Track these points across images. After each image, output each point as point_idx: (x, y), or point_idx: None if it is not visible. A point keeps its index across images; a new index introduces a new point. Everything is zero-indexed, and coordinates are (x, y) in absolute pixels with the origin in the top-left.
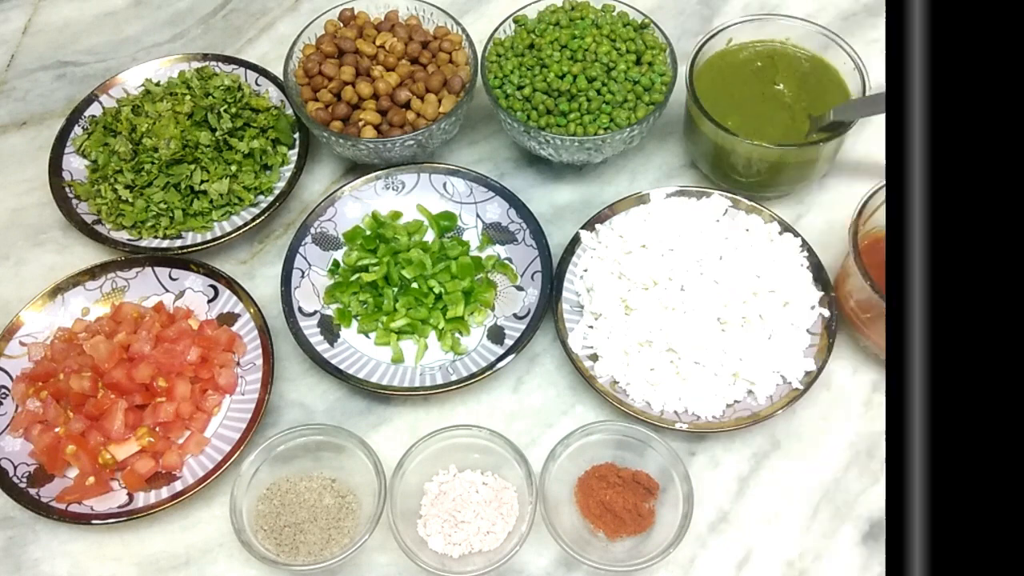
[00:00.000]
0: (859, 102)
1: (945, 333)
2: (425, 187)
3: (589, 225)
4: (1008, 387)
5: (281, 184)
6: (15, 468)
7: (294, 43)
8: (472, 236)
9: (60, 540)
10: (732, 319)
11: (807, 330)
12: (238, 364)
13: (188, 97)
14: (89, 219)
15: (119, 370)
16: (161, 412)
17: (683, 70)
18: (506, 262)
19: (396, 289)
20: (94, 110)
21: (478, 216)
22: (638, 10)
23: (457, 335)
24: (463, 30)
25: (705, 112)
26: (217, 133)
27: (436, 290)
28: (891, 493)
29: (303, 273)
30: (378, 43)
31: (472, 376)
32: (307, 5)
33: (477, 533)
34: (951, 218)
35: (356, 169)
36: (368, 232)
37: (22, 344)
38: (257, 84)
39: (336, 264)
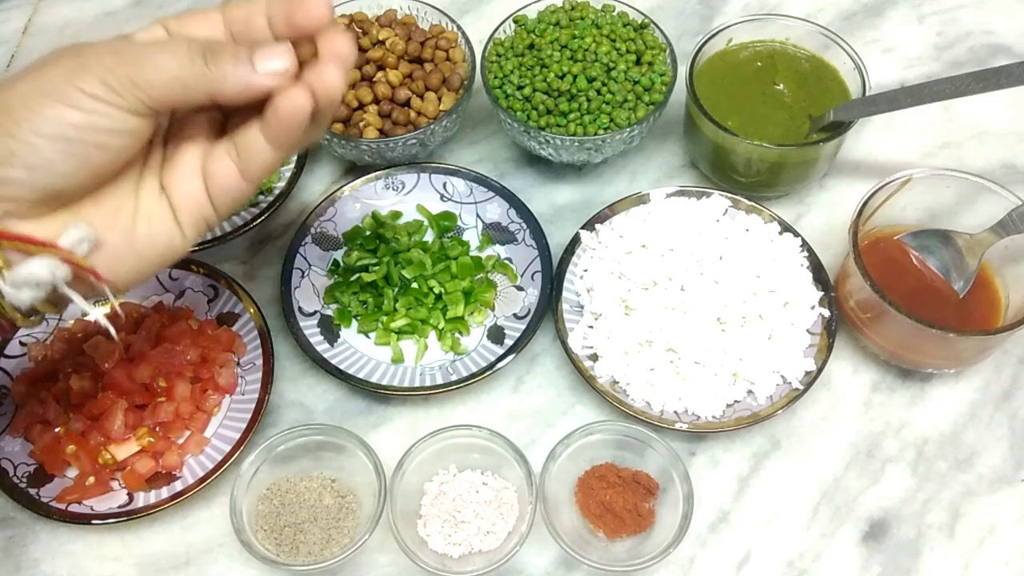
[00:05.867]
0: (859, 102)
1: None
2: (425, 187)
3: (589, 225)
4: None
5: (281, 184)
6: (15, 468)
7: None
8: (472, 236)
9: (60, 540)
10: (732, 319)
11: (807, 330)
12: (238, 364)
13: None
14: None
15: (119, 370)
16: (161, 412)
17: (683, 70)
18: (506, 262)
19: (396, 289)
20: None
21: (478, 216)
22: (638, 10)
23: (457, 335)
24: (458, 27)
25: (705, 112)
26: None
27: (436, 290)
28: None
29: (303, 273)
30: (380, 37)
31: (472, 376)
32: None
33: (477, 533)
34: None
35: (356, 169)
36: (368, 232)
37: (22, 344)
38: None
39: (336, 264)
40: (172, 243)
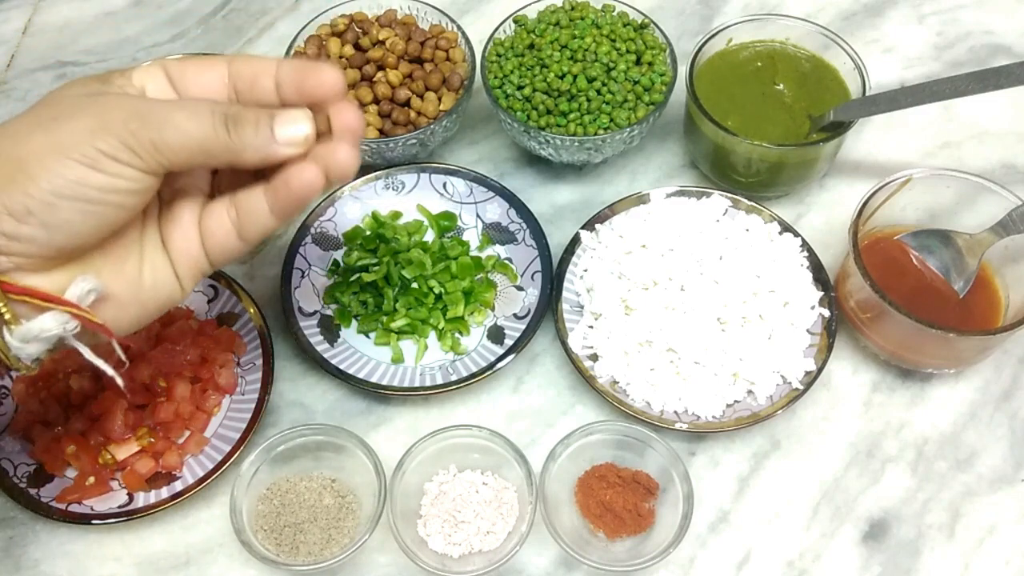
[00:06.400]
0: (859, 102)
1: None
2: (425, 187)
3: (589, 225)
4: None
5: None
6: (15, 468)
7: (292, 43)
8: (472, 236)
9: (60, 540)
10: (732, 319)
11: (807, 330)
12: (238, 364)
13: None
14: None
15: (119, 370)
16: (161, 412)
17: (683, 70)
18: (506, 262)
19: (396, 289)
20: None
21: (478, 216)
22: (638, 10)
23: (457, 335)
24: (458, 27)
25: (705, 112)
26: None
27: (436, 290)
28: None
29: (303, 273)
30: (380, 37)
31: (472, 376)
32: (307, 5)
33: (477, 533)
34: None
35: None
36: (368, 232)
37: None
38: None
39: (336, 264)
40: (172, 294)
